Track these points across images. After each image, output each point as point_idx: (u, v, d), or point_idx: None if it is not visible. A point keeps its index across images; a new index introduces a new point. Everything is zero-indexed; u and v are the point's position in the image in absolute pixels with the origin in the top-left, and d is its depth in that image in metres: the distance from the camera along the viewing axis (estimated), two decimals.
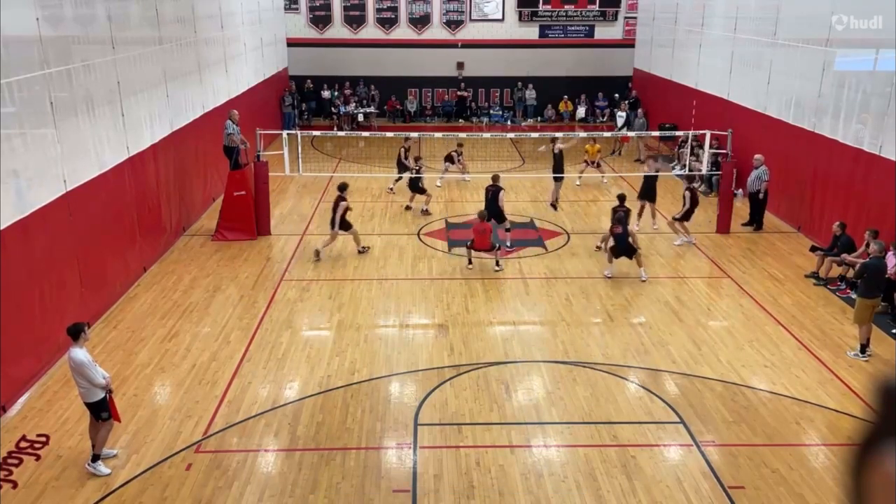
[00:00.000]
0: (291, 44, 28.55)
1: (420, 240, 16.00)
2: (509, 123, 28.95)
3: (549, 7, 28.92)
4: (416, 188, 17.85)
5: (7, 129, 9.62)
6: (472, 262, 14.26)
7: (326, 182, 20.33)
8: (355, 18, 28.90)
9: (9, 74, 9.52)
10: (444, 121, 29.31)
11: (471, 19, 29.13)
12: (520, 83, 29.46)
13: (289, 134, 17.71)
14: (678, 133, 21.26)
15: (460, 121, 29.18)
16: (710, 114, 20.89)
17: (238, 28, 21.07)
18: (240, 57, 21.26)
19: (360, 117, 27.78)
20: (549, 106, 29.39)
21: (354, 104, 28.33)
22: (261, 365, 10.61)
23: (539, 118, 29.46)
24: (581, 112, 29.17)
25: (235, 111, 16.75)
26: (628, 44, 29.29)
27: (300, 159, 17.01)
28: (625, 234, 13.63)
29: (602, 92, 29.21)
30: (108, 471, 8.15)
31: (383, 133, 23.48)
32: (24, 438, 8.74)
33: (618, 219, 13.74)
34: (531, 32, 29.23)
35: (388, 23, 28.99)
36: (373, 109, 28.42)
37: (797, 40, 16.74)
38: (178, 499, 7.76)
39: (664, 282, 13.82)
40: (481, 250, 14.25)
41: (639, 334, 11.66)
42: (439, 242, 15.83)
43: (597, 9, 29.03)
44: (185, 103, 16.39)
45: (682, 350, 11.12)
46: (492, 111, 29.59)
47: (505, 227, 15.33)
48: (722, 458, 8.53)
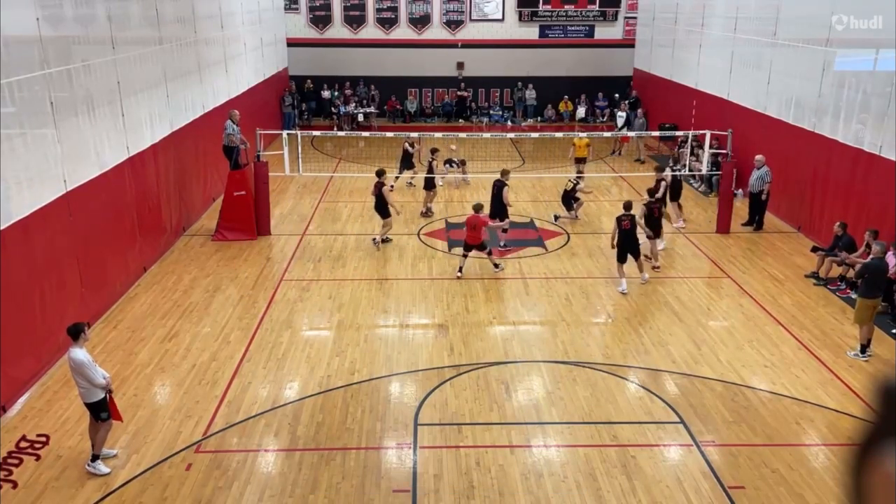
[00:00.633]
0: (291, 44, 28.55)
1: (420, 240, 16.00)
2: (509, 123, 28.95)
3: (549, 7, 28.92)
4: (430, 186, 17.70)
5: (7, 129, 9.62)
6: (462, 270, 13.78)
7: (326, 182, 20.34)
8: (355, 18, 28.90)
9: (9, 74, 9.53)
10: (444, 121, 29.31)
11: (471, 19, 29.13)
12: (520, 83, 29.46)
13: (289, 134, 17.71)
14: (678, 133, 21.25)
15: (460, 121, 29.19)
16: (710, 114, 20.89)
17: (238, 28, 21.08)
18: (240, 57, 21.26)
19: (360, 117, 27.78)
20: (549, 106, 29.39)
21: (354, 104, 28.33)
22: (261, 365, 10.61)
23: (539, 118, 29.46)
24: (581, 112, 29.17)
25: (236, 111, 16.75)
26: (628, 44, 29.29)
27: (300, 159, 17.00)
28: (633, 230, 13.39)
29: (602, 92, 29.21)
30: (108, 470, 8.15)
31: (383, 133, 23.50)
32: (24, 438, 8.74)
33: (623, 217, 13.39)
34: (531, 32, 29.23)
35: (388, 23, 28.99)
36: (373, 109, 28.43)
37: (797, 40, 16.74)
38: (178, 499, 7.76)
39: (664, 282, 13.81)
40: (473, 246, 13.79)
41: (639, 334, 11.66)
42: (439, 242, 15.83)
43: (597, 9, 29.03)
44: (185, 103, 16.39)
45: (682, 350, 11.12)
46: (492, 111, 29.59)
47: (502, 227, 15.12)
48: (722, 458, 8.53)
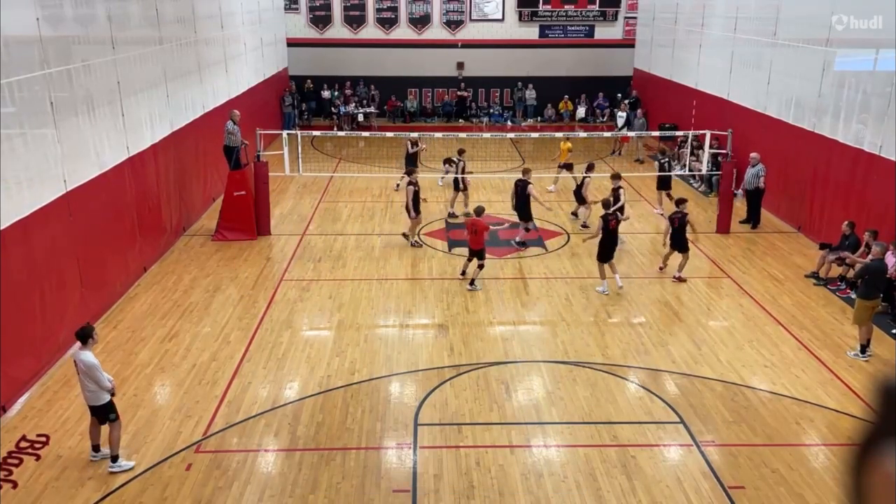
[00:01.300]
0: (291, 44, 28.55)
1: (420, 240, 15.99)
2: (509, 123, 28.95)
3: (549, 7, 28.92)
4: (458, 186, 17.58)
5: (7, 129, 9.62)
6: (465, 273, 13.62)
7: (326, 182, 20.34)
8: (355, 18, 28.90)
9: (9, 74, 9.52)
10: (444, 121, 29.31)
11: (471, 19, 29.13)
12: (520, 83, 29.46)
13: (289, 134, 17.71)
14: (678, 133, 21.25)
15: (460, 121, 29.18)
16: (710, 114, 20.89)
17: (238, 28, 21.07)
18: (240, 57, 21.26)
19: (360, 117, 27.79)
20: (549, 106, 29.39)
21: (354, 104, 28.33)
22: (261, 365, 10.60)
23: (539, 118, 29.47)
24: (581, 112, 29.17)
25: (237, 111, 16.75)
26: (628, 44, 29.29)
27: (300, 159, 17.01)
28: (617, 230, 13.49)
29: (602, 92, 29.21)
30: (133, 463, 8.25)
31: (383, 133, 23.49)
32: (24, 438, 8.73)
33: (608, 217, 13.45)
34: (531, 32, 29.23)
35: (388, 23, 28.99)
36: (373, 109, 28.43)
37: (797, 40, 16.74)
38: (178, 499, 7.76)
39: (664, 282, 13.81)
40: (476, 251, 13.24)
41: (639, 334, 11.66)
42: (439, 242, 15.83)
43: (597, 9, 29.04)
44: (185, 103, 16.39)
45: (682, 350, 11.12)
46: (492, 111, 29.59)
47: (525, 227, 15.26)
48: (722, 458, 8.53)
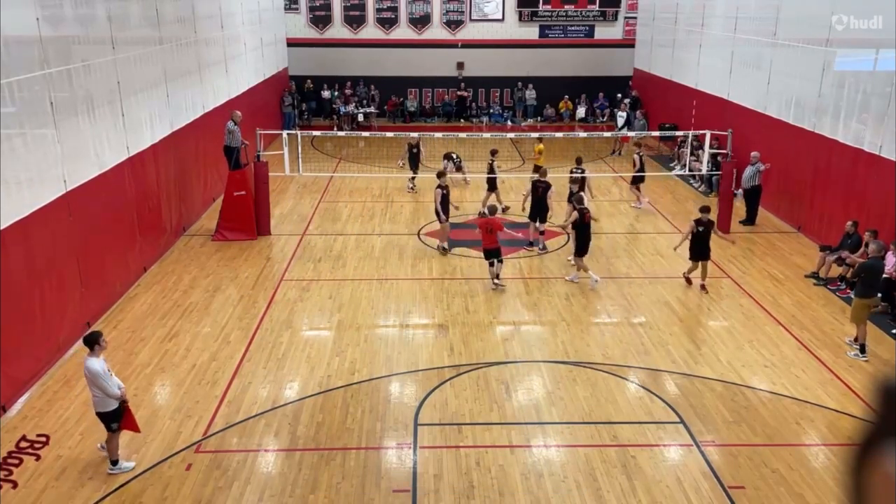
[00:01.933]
0: (291, 44, 28.55)
1: (420, 240, 16.00)
2: (509, 123, 28.95)
3: (549, 7, 28.92)
4: (493, 186, 17.44)
5: (7, 129, 9.62)
6: (498, 278, 13.22)
7: (326, 182, 20.34)
8: (355, 18, 28.90)
9: (9, 74, 9.52)
10: (443, 121, 29.31)
11: (471, 19, 29.13)
12: (520, 83, 29.46)
13: (289, 134, 17.71)
14: (678, 133, 21.25)
15: (461, 121, 29.18)
16: (710, 114, 20.89)
17: (238, 28, 21.07)
18: (240, 57, 21.25)
19: (360, 117, 27.78)
20: (548, 105, 29.39)
21: (354, 104, 28.33)
22: (261, 365, 10.60)
23: (539, 118, 29.46)
24: (581, 112, 29.17)
25: (238, 111, 16.75)
26: (628, 44, 29.29)
27: (300, 159, 17.01)
28: (590, 228, 13.59)
29: (602, 92, 29.21)
30: (133, 463, 8.25)
31: (383, 133, 23.49)
32: (24, 438, 8.73)
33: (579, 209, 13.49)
34: (531, 32, 29.23)
35: (388, 23, 28.99)
36: (373, 109, 28.43)
37: (797, 40, 16.74)
38: (178, 499, 7.76)
39: (664, 282, 13.81)
40: (491, 250, 13.15)
41: (639, 334, 11.66)
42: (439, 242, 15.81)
43: (597, 9, 29.03)
44: (185, 103, 16.39)
45: (682, 350, 11.12)
46: (492, 111, 29.59)
47: (539, 230, 15.30)
48: (722, 458, 8.53)
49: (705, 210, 13.48)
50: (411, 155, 19.44)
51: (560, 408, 9.54)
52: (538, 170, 18.73)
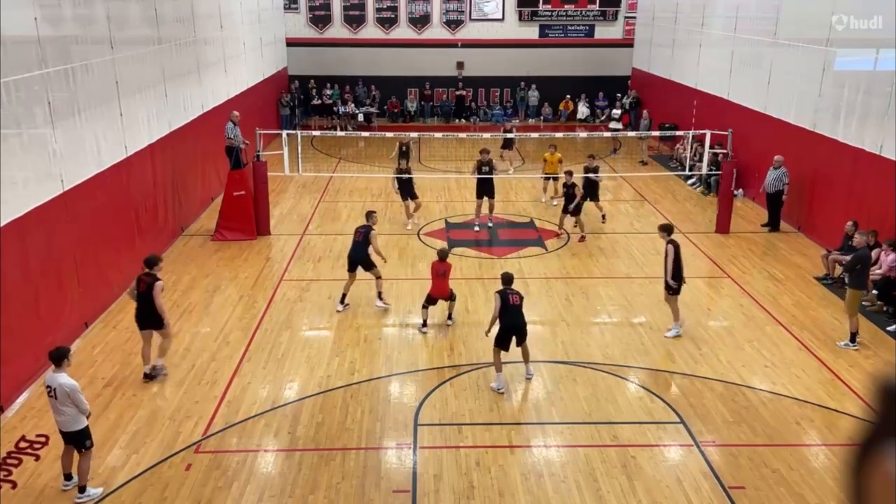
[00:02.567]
0: (291, 43, 28.54)
1: (420, 240, 15.99)
2: (507, 123, 28.92)
3: (549, 7, 28.91)
4: (489, 191, 16.86)
5: (5, 128, 9.61)
6: (426, 324, 11.62)
7: (326, 182, 20.34)
8: (355, 18, 28.90)
9: (7, 74, 9.51)
10: (443, 121, 29.30)
11: (471, 19, 29.12)
12: (523, 83, 29.45)
13: (288, 134, 17.70)
14: (678, 133, 21.25)
15: (461, 121, 29.16)
16: (710, 114, 20.88)
17: (237, 28, 21.07)
18: (239, 57, 21.25)
19: (360, 117, 27.78)
20: (546, 104, 29.37)
21: (354, 104, 28.32)
22: (261, 365, 10.59)
23: (540, 118, 29.45)
24: (585, 111, 29.13)
25: (236, 112, 16.74)
26: (628, 44, 29.28)
27: (300, 159, 16.99)
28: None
29: (602, 92, 29.20)
30: (100, 489, 7.84)
31: (383, 133, 23.48)
32: (23, 438, 8.72)
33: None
34: (531, 32, 29.22)
35: (387, 23, 28.99)
36: (373, 109, 28.42)
37: (797, 40, 16.73)
38: (177, 499, 7.75)
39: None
40: (438, 299, 11.62)
41: (639, 334, 11.65)
42: (439, 242, 15.80)
43: (597, 9, 29.02)
44: (184, 103, 16.38)
45: (682, 350, 11.11)
46: (494, 110, 29.57)
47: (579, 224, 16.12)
48: (722, 458, 8.52)
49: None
50: (401, 153, 19.05)
51: (560, 408, 9.53)
52: (552, 179, 18.51)
